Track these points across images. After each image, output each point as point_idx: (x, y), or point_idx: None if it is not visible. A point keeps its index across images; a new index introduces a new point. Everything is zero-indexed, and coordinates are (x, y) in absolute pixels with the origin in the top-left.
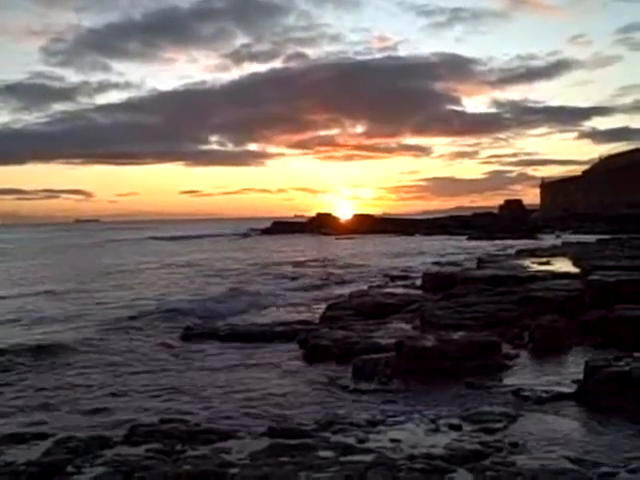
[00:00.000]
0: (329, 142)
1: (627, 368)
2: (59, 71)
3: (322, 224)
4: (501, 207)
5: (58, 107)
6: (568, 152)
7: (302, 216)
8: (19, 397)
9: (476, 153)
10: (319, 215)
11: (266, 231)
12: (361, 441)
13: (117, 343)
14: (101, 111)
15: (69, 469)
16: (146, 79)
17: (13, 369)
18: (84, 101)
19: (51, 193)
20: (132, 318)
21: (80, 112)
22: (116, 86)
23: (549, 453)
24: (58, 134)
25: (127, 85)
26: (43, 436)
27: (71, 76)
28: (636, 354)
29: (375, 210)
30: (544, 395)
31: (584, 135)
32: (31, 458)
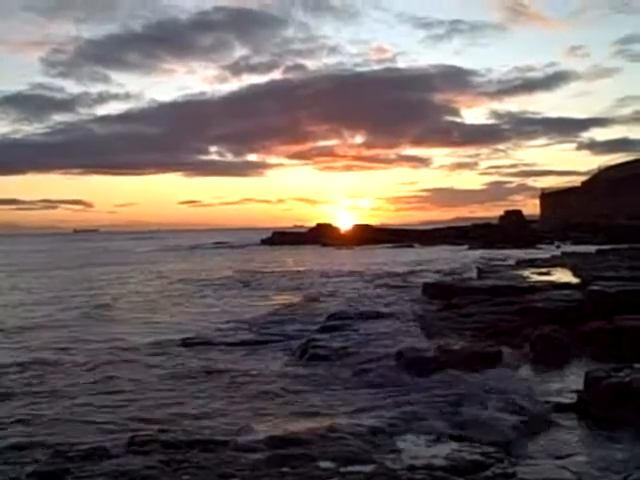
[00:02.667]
0: (328, 153)
1: (627, 379)
2: (59, 82)
3: (322, 234)
4: (501, 217)
5: (58, 118)
6: (567, 163)
7: (302, 226)
8: (19, 407)
9: (475, 164)
10: (319, 225)
11: (266, 241)
12: (362, 451)
13: (116, 352)
14: (101, 122)
15: (67, 479)
16: (145, 90)
17: (15, 379)
18: (84, 112)
19: (50, 203)
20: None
21: (80, 123)
22: (116, 97)
23: (549, 464)
24: (58, 144)
25: (127, 96)
26: (43, 446)
27: (71, 87)
28: (636, 365)
29: (374, 220)
30: (544, 406)
31: (583, 146)
32: (31, 468)
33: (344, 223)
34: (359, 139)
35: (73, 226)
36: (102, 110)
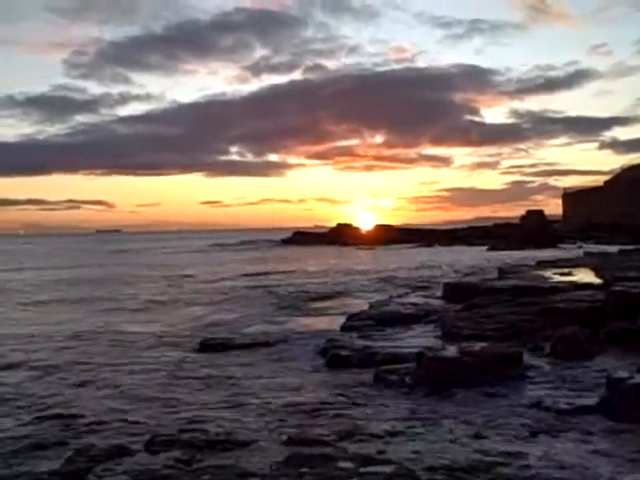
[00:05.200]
0: (348, 152)
1: None
2: (81, 83)
3: (342, 234)
4: (522, 217)
5: (80, 119)
6: (589, 162)
7: (322, 226)
8: (38, 406)
9: (496, 163)
10: (339, 225)
11: (286, 241)
12: (381, 452)
13: (137, 353)
14: (122, 122)
15: (90, 478)
16: (167, 91)
17: (30, 379)
18: (106, 113)
19: (73, 203)
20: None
21: (102, 124)
22: (137, 98)
23: (572, 465)
24: (80, 145)
25: (148, 97)
26: (64, 444)
27: (93, 88)
28: None
29: (395, 220)
30: (566, 407)
31: (605, 145)
32: (53, 467)
33: (365, 223)
34: (379, 139)
35: (96, 226)
36: (124, 111)
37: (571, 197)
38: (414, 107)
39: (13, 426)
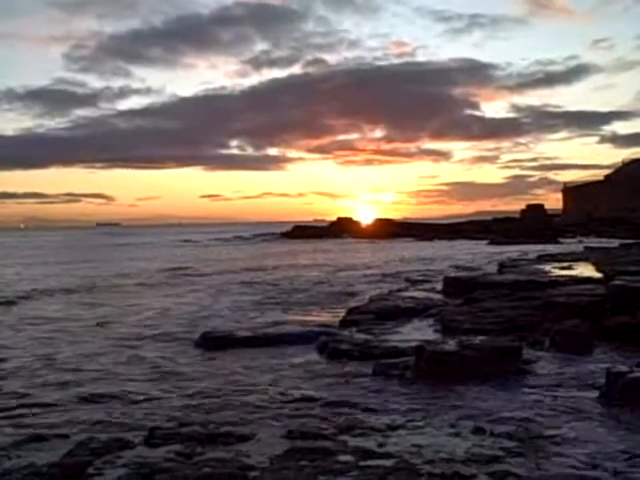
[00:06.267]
0: (348, 147)
1: None
2: (81, 77)
3: (342, 228)
4: (523, 212)
5: (80, 112)
6: (589, 156)
7: (322, 220)
8: (38, 398)
9: (496, 158)
10: (340, 219)
11: (286, 235)
12: (381, 445)
13: (135, 349)
14: (122, 116)
15: (90, 470)
16: (167, 85)
17: (32, 371)
18: (106, 106)
19: (73, 197)
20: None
21: (102, 117)
22: (137, 92)
23: (571, 459)
24: (80, 139)
25: (148, 91)
26: (65, 437)
27: (93, 82)
28: None
29: (395, 215)
30: (566, 401)
31: (605, 139)
32: (53, 459)
33: (365, 217)
34: (379, 133)
35: (95, 220)
36: (123, 105)
37: (571, 191)
38: (414, 101)
39: (12, 419)
